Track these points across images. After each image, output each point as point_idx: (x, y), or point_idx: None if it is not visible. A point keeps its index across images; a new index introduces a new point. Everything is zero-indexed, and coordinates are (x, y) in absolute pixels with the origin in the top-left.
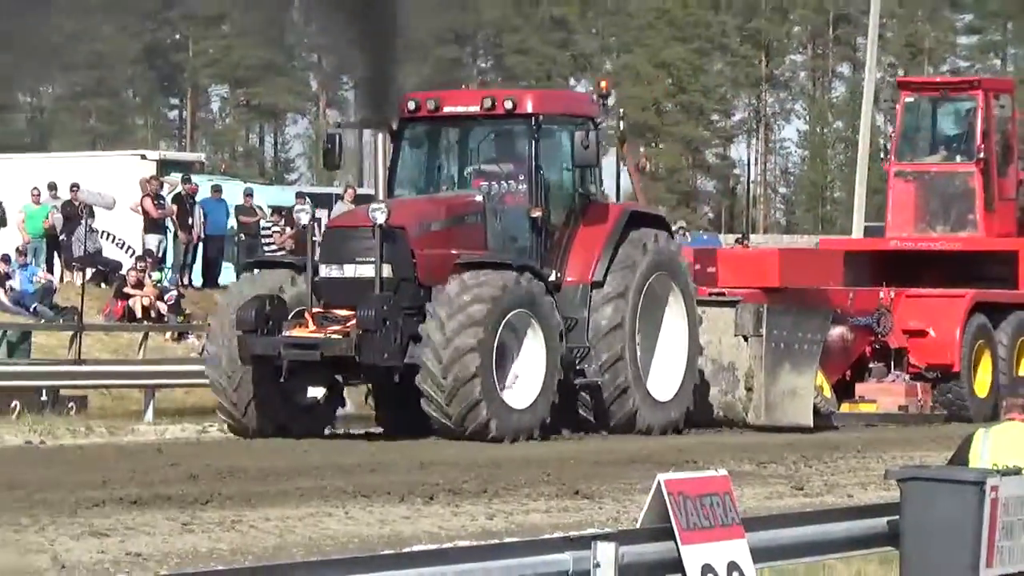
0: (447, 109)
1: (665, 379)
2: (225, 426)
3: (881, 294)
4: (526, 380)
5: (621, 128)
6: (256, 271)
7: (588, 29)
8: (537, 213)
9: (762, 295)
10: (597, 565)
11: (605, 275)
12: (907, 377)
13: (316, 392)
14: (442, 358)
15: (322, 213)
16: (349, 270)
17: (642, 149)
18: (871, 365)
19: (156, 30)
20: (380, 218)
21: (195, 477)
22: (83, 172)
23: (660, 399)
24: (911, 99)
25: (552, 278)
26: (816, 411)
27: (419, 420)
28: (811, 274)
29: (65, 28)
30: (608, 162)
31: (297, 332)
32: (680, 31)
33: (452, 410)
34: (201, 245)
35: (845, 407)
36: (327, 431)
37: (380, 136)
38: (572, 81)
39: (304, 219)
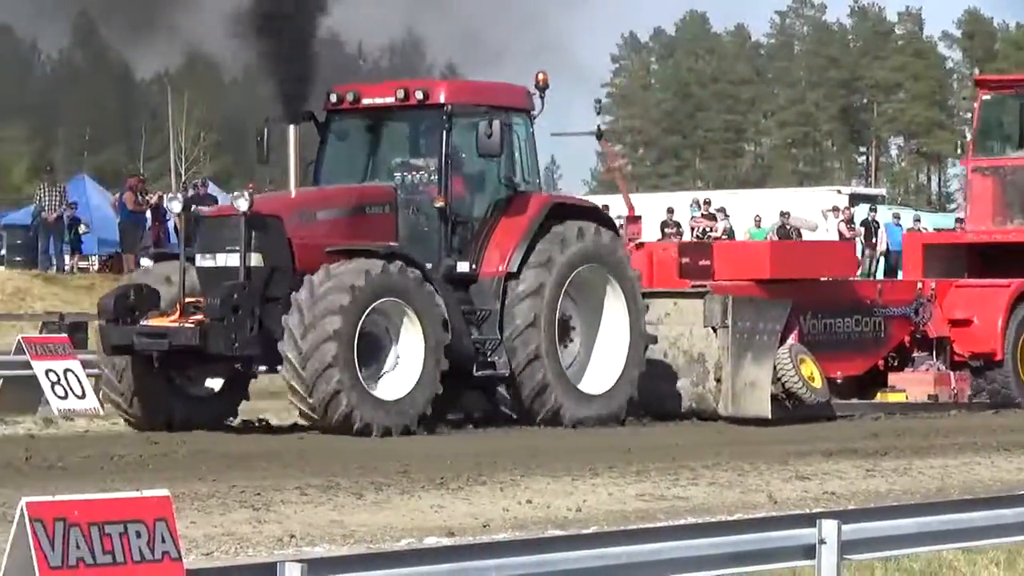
0: (365, 101)
1: (604, 371)
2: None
3: (919, 284)
4: (402, 371)
5: (598, 127)
6: (151, 263)
7: None
8: (440, 203)
9: (803, 289)
10: None
11: (520, 267)
12: (940, 366)
13: (214, 384)
14: (301, 348)
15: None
16: (221, 259)
17: (618, 148)
18: (914, 355)
19: (847, 95)
20: (243, 206)
21: (876, 435)
22: (792, 203)
23: (595, 392)
24: (988, 97)
25: (466, 269)
26: (800, 401)
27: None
28: (803, 266)
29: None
30: None
31: (153, 322)
32: None
33: (313, 400)
34: (882, 259)
35: (878, 396)
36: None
37: (292, 129)
38: None
39: (176, 208)
